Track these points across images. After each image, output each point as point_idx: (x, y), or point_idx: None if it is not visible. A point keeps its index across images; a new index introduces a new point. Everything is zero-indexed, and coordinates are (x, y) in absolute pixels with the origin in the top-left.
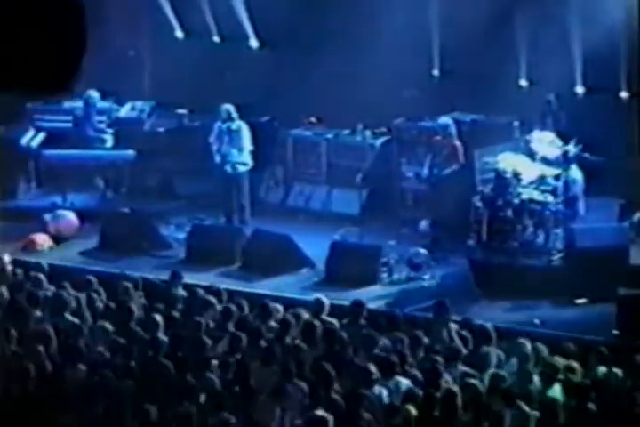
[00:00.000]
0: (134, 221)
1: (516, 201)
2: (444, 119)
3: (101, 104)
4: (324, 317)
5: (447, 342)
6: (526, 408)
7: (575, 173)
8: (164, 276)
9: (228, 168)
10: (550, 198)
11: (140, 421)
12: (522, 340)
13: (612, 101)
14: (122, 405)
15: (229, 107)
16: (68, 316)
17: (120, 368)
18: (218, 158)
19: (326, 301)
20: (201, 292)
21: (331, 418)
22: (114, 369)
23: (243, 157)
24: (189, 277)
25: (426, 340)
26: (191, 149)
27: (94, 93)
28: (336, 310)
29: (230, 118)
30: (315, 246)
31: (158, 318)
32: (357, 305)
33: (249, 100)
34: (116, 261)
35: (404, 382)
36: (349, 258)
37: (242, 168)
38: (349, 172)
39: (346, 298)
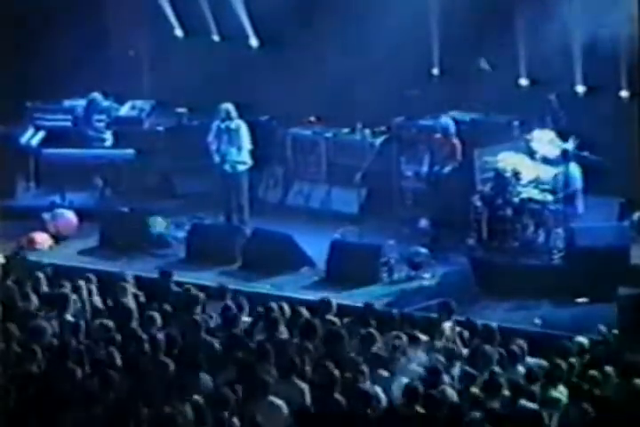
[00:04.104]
0: (133, 220)
1: (516, 200)
2: (445, 119)
3: (102, 104)
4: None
5: (448, 341)
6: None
7: (574, 172)
8: None
9: (228, 167)
10: (550, 197)
11: (138, 420)
12: None
13: (612, 101)
14: (121, 403)
15: (228, 106)
16: (68, 315)
17: (119, 366)
18: (217, 158)
19: (334, 301)
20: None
21: None
22: (113, 368)
23: (242, 156)
24: (190, 277)
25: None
26: (191, 148)
27: (98, 96)
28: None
29: (229, 117)
30: (314, 245)
31: (157, 316)
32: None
33: (248, 99)
34: (116, 260)
35: (405, 381)
36: (350, 257)
37: (241, 167)
38: (349, 171)
39: (346, 297)
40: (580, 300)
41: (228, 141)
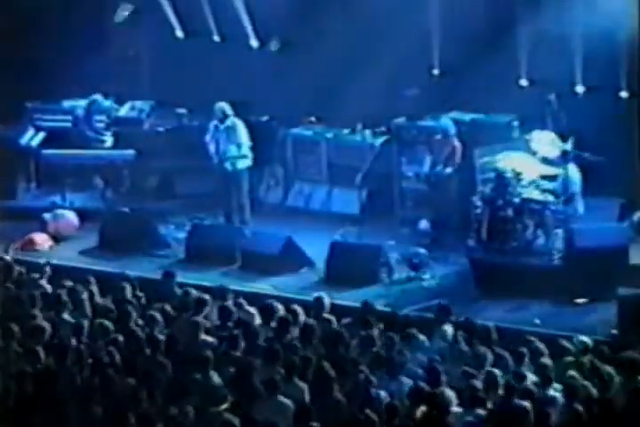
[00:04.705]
0: (134, 220)
1: (517, 201)
2: (446, 120)
3: (103, 105)
4: (326, 315)
5: (448, 342)
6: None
7: (574, 172)
8: None
9: (228, 165)
10: (550, 198)
11: (139, 420)
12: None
13: (612, 101)
14: (122, 403)
15: (223, 105)
16: (67, 315)
17: (119, 367)
18: (217, 157)
19: (327, 299)
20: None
21: None
22: (113, 368)
23: (242, 151)
24: (189, 278)
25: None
26: (191, 148)
27: (99, 97)
28: (337, 310)
29: (225, 116)
30: (314, 246)
31: (157, 316)
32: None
33: (249, 99)
34: (116, 261)
35: (407, 383)
36: (349, 258)
37: (241, 164)
38: (349, 171)
39: (346, 298)
40: (579, 300)
41: (227, 140)
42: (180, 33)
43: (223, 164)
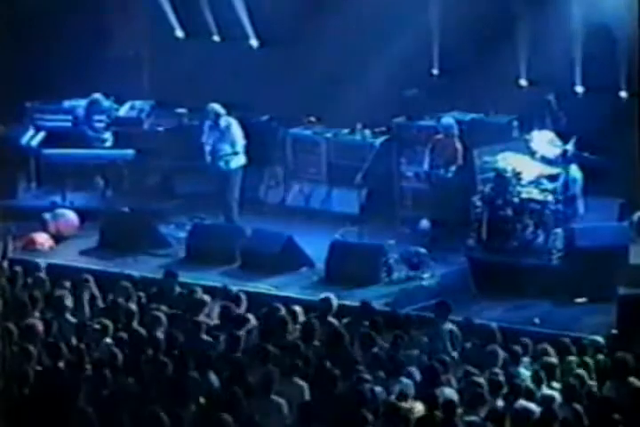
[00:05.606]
0: (134, 220)
1: (516, 200)
2: (448, 119)
3: (104, 105)
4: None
5: (446, 342)
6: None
7: (575, 172)
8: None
9: (222, 164)
10: (550, 197)
11: (139, 421)
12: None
13: (611, 101)
14: (121, 404)
15: (214, 106)
16: (68, 315)
17: (120, 367)
18: (210, 156)
19: (335, 300)
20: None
21: None
22: (114, 368)
23: (236, 148)
24: (190, 277)
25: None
26: (190, 148)
27: (100, 97)
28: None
29: (218, 116)
30: (314, 246)
31: (158, 316)
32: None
33: (248, 99)
34: (116, 261)
35: (406, 382)
36: (349, 257)
37: (235, 162)
38: (349, 171)
39: (346, 297)
40: (579, 300)
41: (221, 139)
42: (179, 33)
43: (217, 162)
